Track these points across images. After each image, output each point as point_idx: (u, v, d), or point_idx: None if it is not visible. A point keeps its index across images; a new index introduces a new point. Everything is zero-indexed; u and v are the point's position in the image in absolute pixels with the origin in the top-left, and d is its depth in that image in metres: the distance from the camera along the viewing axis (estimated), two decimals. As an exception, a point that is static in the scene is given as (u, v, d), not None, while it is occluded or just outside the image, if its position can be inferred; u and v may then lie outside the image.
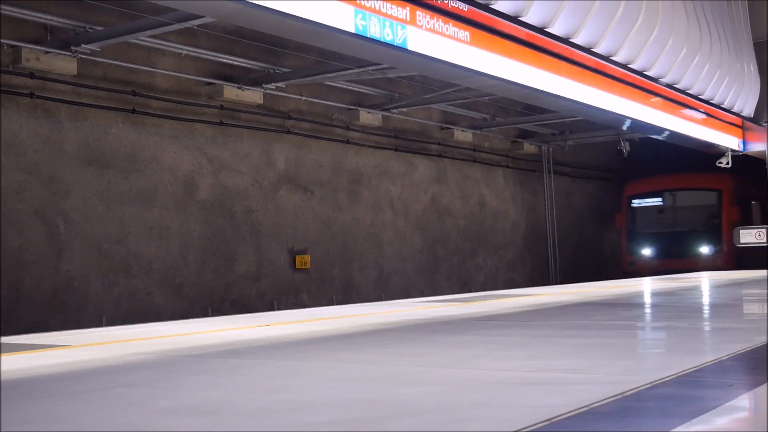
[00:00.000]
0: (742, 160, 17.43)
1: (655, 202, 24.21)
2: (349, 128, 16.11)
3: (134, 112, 12.19)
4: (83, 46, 10.85)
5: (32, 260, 10.92)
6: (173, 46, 12.23)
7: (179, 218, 12.82)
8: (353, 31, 6.97)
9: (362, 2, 7.06)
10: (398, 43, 7.48)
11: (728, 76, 14.38)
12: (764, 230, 16.34)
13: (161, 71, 12.48)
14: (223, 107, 13.53)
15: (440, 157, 18.66)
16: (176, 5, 7.70)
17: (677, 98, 13.70)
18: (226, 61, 13.15)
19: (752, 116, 16.62)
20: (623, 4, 10.14)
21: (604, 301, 9.47)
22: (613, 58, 10.82)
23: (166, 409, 3.18)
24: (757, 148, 17.24)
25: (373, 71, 13.06)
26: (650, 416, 2.91)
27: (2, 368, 4.24)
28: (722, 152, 16.79)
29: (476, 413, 2.99)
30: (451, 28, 8.13)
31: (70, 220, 11.37)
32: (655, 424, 2.77)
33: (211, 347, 5.21)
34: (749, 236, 16.54)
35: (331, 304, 14.66)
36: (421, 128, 18.07)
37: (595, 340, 5.37)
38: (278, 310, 13.22)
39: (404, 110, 16.72)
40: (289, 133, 14.78)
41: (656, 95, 13.06)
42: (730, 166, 17.07)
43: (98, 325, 10.75)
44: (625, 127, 12.05)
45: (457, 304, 9.03)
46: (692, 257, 22.29)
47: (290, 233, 14.75)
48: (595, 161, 25.07)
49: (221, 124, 13.53)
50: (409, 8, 7.61)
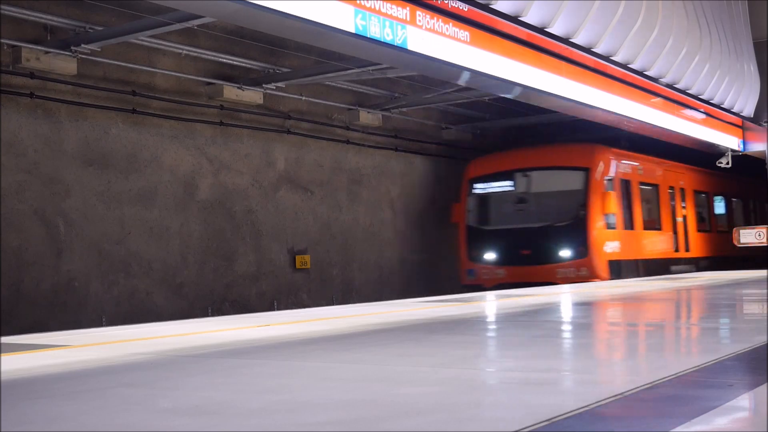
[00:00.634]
0: (741, 159, 17.46)
1: (502, 187, 17.16)
2: (349, 128, 16.11)
3: (134, 112, 12.19)
4: (83, 46, 10.85)
5: (32, 260, 10.92)
6: (173, 46, 12.23)
7: (179, 218, 12.82)
8: (353, 31, 6.98)
9: (362, 2, 7.07)
10: (398, 43, 7.48)
11: (728, 76, 14.38)
12: (764, 230, 16.32)
13: (161, 71, 12.48)
14: (223, 107, 13.52)
15: (439, 156, 18.65)
16: (176, 5, 7.70)
17: (677, 98, 13.71)
18: (226, 61, 13.14)
19: (752, 116, 16.63)
20: (623, 4, 10.14)
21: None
22: (612, 58, 10.83)
23: (165, 409, 3.18)
24: (757, 148, 17.26)
25: (373, 71, 13.06)
26: (650, 416, 2.91)
27: (2, 368, 4.24)
28: (722, 152, 16.82)
29: (476, 413, 2.99)
30: (451, 28, 8.13)
31: (70, 220, 11.37)
32: (655, 424, 2.77)
33: (211, 347, 5.21)
34: (749, 236, 16.49)
35: (331, 304, 14.65)
36: (420, 128, 18.06)
37: (589, 340, 5.36)
38: (278, 310, 13.21)
39: (404, 110, 16.72)
40: (289, 133, 14.78)
41: (656, 95, 13.07)
42: (730, 166, 17.08)
43: (98, 325, 10.74)
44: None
45: (457, 304, 9.03)
46: (549, 263, 16.03)
47: (290, 233, 14.75)
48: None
49: (221, 124, 13.53)
50: (409, 8, 7.61)
